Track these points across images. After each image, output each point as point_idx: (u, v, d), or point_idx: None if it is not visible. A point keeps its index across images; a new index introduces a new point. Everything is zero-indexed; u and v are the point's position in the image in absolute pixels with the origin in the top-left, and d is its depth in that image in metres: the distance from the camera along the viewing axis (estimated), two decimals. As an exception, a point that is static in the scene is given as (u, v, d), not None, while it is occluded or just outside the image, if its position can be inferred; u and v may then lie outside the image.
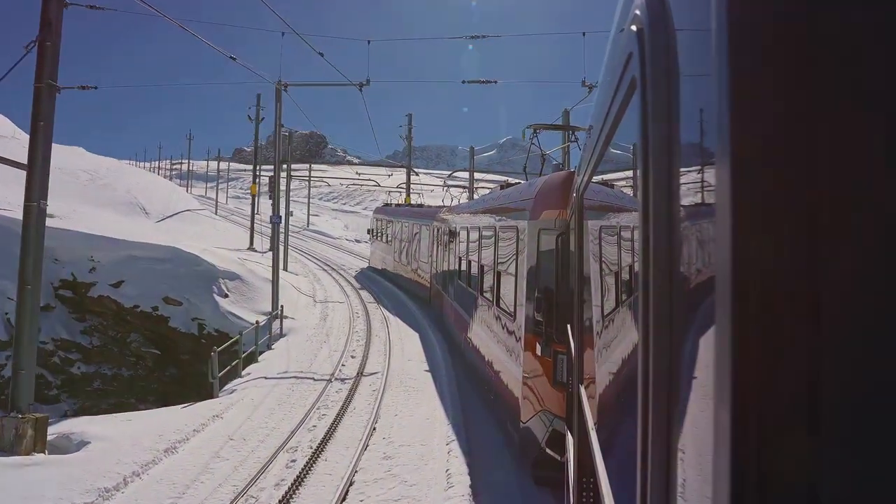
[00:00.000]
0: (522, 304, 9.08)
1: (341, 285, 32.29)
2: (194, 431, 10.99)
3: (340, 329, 21.37)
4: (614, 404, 2.10)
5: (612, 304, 2.18)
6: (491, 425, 11.33)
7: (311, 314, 24.03)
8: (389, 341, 19.36)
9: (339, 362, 16.67)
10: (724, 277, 0.70)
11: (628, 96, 1.53)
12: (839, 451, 0.64)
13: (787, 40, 0.67)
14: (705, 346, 0.79)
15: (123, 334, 23.04)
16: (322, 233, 63.10)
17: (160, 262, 24.05)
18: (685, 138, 1.00)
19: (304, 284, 30.47)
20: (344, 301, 27.16)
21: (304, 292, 27.88)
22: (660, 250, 1.11)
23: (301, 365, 16.53)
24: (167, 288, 22.99)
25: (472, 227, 14.27)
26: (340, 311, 24.80)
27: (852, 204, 0.65)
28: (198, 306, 22.83)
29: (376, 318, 23.46)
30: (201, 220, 45.33)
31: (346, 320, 22.84)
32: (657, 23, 1.15)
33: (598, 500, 2.35)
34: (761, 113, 0.68)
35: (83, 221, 27.68)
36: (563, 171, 10.74)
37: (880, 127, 0.65)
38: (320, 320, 22.99)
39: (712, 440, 0.72)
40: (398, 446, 10.40)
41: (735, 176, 0.69)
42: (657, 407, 1.09)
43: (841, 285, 0.65)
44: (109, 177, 42.79)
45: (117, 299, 22.76)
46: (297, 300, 25.64)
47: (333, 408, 12.65)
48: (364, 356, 17.36)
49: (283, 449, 10.28)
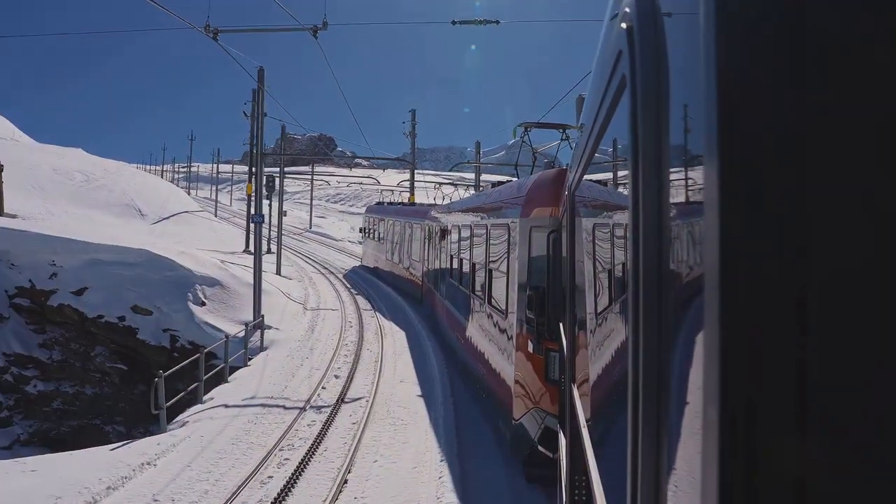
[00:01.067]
0: (514, 302, 9.02)
1: (337, 290, 29.70)
2: (109, 489, 8.44)
3: (328, 342, 18.86)
4: (606, 402, 2.10)
5: (603, 302, 2.19)
6: (499, 467, 8.93)
7: (299, 323, 21.50)
8: (381, 356, 16.86)
9: (319, 384, 14.14)
10: (713, 275, 0.71)
11: (618, 94, 1.55)
12: (827, 450, 0.64)
13: (777, 37, 0.68)
14: (695, 343, 0.79)
15: (87, 348, 20.65)
16: (325, 234, 60.97)
17: (129, 267, 21.63)
18: (675, 136, 1.00)
19: (297, 290, 27.91)
20: (337, 308, 24.62)
21: (294, 299, 25.32)
22: (649, 248, 1.12)
23: (274, 388, 13.99)
24: (136, 296, 20.59)
25: (464, 225, 14.10)
26: (332, 319, 22.28)
27: (843, 202, 0.65)
28: (170, 316, 20.40)
29: (370, 328, 20.96)
30: (199, 221, 43.84)
31: (337, 331, 20.33)
32: (646, 20, 1.16)
33: (591, 498, 2.38)
34: (751, 110, 0.68)
35: (66, 223, 25.66)
36: (555, 168, 10.68)
37: (872, 125, 0.65)
38: (308, 331, 20.45)
39: (701, 438, 0.73)
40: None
41: (723, 174, 0.69)
42: (648, 405, 1.09)
43: (830, 283, 0.65)
44: (106, 178, 42.40)
45: (80, 308, 20.42)
46: (284, 308, 23.09)
47: (300, 449, 10.15)
48: (349, 376, 14.85)
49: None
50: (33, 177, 39.14)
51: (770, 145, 0.67)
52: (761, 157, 0.67)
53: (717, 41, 0.70)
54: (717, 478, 0.68)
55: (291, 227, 67.17)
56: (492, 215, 11.14)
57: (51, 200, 37.89)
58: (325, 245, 54.55)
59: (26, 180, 38.14)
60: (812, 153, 0.65)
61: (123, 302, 20.56)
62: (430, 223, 21.66)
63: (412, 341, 19.02)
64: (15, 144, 60.92)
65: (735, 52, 0.69)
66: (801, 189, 0.65)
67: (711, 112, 0.71)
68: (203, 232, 38.93)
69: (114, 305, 20.51)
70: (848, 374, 0.64)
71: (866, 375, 0.63)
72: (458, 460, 9.53)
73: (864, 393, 0.63)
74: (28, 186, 38.16)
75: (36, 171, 40.59)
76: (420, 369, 15.59)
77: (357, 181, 71.74)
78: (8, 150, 49.48)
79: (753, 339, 0.67)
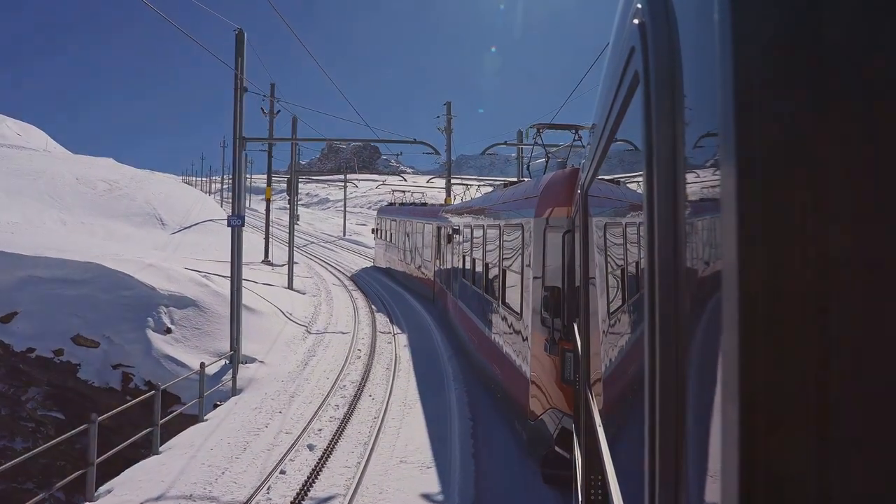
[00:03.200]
0: (529, 302, 8.96)
1: (356, 306, 24.85)
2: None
3: (321, 382, 14.13)
4: (621, 402, 2.08)
5: (617, 302, 2.19)
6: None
7: (293, 353, 16.82)
8: (386, 407, 11.93)
9: (276, 467, 9.24)
10: (731, 276, 0.70)
11: (631, 91, 1.53)
12: (847, 451, 0.64)
13: (793, 32, 0.66)
14: (711, 344, 0.78)
15: (17, 390, 16.38)
16: (358, 242, 57.12)
17: (73, 286, 17.26)
18: (689, 134, 0.98)
19: (304, 307, 23.19)
20: (349, 331, 19.82)
21: (296, 319, 20.60)
22: (664, 248, 1.10)
23: (203, 473, 9.13)
24: (80, 322, 16.16)
25: (476, 224, 13.91)
26: (338, 346, 17.55)
27: (861, 203, 0.64)
28: (122, 348, 15.87)
29: (382, 358, 16.29)
30: (224, 230, 41.34)
31: (339, 364, 15.60)
32: (659, 16, 1.14)
33: (607, 498, 2.37)
34: (767, 108, 0.67)
35: (51, 232, 22.10)
36: (568, 167, 10.48)
37: (891, 120, 0.63)
38: (300, 365, 15.71)
39: (720, 439, 0.73)
40: None
41: (740, 172, 0.68)
42: (664, 405, 1.08)
43: (848, 285, 0.64)
44: (130, 187, 41.53)
45: (5, 339, 16.16)
46: (280, 332, 18.43)
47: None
48: (328, 449, 9.94)
49: None
50: (53, 186, 39.05)
51: (786, 143, 0.66)
52: (778, 155, 0.66)
53: (733, 36, 0.69)
54: (736, 480, 0.67)
55: (325, 234, 63.77)
56: (505, 215, 10.95)
57: (67, 210, 38.04)
58: (356, 253, 50.53)
59: (44, 190, 38.18)
60: (831, 151, 0.64)
61: (62, 330, 16.07)
62: (441, 223, 21.56)
63: (431, 381, 14.01)
64: (44, 155, 60.76)
65: (751, 46, 0.68)
66: (818, 188, 0.64)
67: (727, 109, 0.69)
68: (224, 241, 36.21)
69: (49, 335, 16.07)
70: (867, 375, 0.63)
71: (886, 377, 0.63)
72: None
73: (884, 394, 0.63)
74: (44, 196, 37.66)
75: (58, 180, 40.33)
76: (435, 436, 10.52)
77: (388, 186, 68.38)
78: (32, 160, 47.96)
79: (772, 340, 0.66)
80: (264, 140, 25.38)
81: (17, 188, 37.47)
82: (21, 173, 41.09)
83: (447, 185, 36.83)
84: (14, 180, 38.77)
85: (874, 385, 0.62)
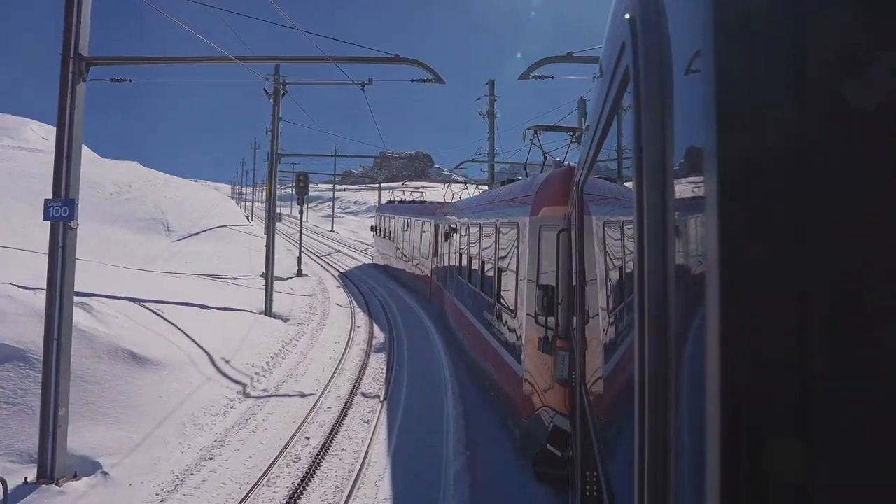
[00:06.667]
0: (524, 301, 8.92)
1: (351, 340, 17.50)
2: None
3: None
4: (616, 400, 2.09)
5: (612, 301, 2.18)
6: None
7: (182, 449, 9.46)
8: None
9: None
10: (714, 271, 0.69)
11: (622, 87, 1.53)
12: (828, 449, 0.64)
13: (780, 29, 0.67)
14: (699, 342, 0.79)
15: None
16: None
17: None
18: (678, 129, 0.98)
19: (267, 345, 15.83)
20: (314, 391, 12.42)
21: (233, 370, 13.22)
22: (654, 245, 1.09)
23: None
24: None
25: (473, 223, 14.07)
26: (278, 426, 10.14)
27: (845, 201, 0.64)
28: None
29: (354, 439, 8.81)
30: (236, 237, 37.05)
31: (254, 478, 8.08)
32: (650, 11, 1.14)
33: (602, 495, 2.37)
34: (753, 104, 0.67)
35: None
36: (564, 166, 10.43)
37: (873, 118, 0.64)
38: (177, 481, 8.33)
39: (706, 436, 0.73)
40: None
41: (724, 170, 0.68)
42: (654, 403, 1.09)
43: (830, 283, 0.64)
44: (141, 190, 39.13)
45: None
46: (183, 402, 11.05)
47: None
48: None
49: None
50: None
51: (771, 140, 0.66)
52: (763, 151, 0.66)
53: (720, 31, 0.69)
54: (718, 475, 0.68)
55: (361, 241, 59.75)
56: (501, 213, 10.98)
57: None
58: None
59: (41, 191, 32.89)
60: (815, 148, 0.65)
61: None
62: (438, 221, 21.69)
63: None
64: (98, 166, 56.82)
65: (737, 42, 0.68)
66: (802, 185, 0.65)
67: (714, 105, 0.69)
68: (231, 249, 33.23)
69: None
70: (848, 372, 0.64)
71: (866, 374, 0.63)
72: None
73: (864, 393, 0.63)
74: (39, 198, 32.03)
75: (63, 182, 35.64)
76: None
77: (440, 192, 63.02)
78: (42, 163, 42.99)
79: (755, 339, 0.66)
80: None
81: (5, 188, 32.51)
82: (25, 176, 36.78)
83: (490, 176, 29.32)
84: (12, 181, 34.44)
85: (856, 383, 0.63)
